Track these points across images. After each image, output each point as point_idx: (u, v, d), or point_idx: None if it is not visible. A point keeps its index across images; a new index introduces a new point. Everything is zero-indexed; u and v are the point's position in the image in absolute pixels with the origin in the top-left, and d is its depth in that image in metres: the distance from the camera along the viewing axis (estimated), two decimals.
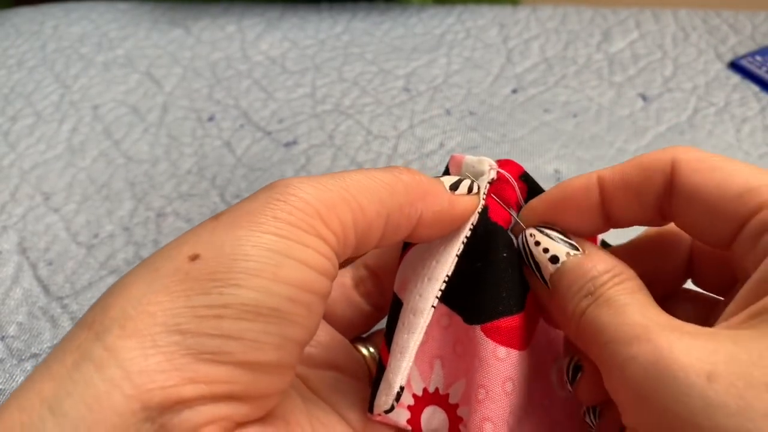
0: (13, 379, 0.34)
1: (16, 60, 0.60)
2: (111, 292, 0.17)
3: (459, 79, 0.55)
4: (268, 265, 0.17)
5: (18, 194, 0.46)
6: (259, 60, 0.58)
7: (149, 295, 0.16)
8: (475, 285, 0.21)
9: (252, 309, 0.16)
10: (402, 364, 0.21)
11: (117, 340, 0.16)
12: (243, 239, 0.17)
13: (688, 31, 0.59)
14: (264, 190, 0.18)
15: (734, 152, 0.46)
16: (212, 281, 0.16)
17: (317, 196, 0.18)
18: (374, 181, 0.19)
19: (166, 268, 0.17)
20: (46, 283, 0.39)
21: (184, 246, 0.17)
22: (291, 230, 0.17)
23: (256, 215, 0.17)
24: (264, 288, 0.17)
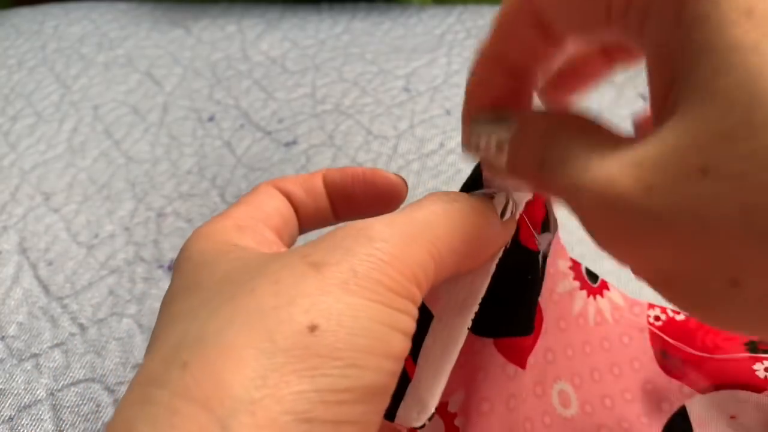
0: (13, 379, 0.34)
1: (16, 60, 0.60)
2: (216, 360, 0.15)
3: (459, 79, 0.55)
4: (382, 342, 0.16)
5: (18, 194, 0.46)
6: (259, 60, 0.58)
7: (271, 374, 0.14)
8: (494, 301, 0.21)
9: (369, 391, 0.16)
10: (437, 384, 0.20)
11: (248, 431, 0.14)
12: (359, 310, 0.16)
13: None
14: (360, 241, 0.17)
15: None
16: (334, 359, 0.15)
17: (413, 256, 0.17)
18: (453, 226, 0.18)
19: (283, 339, 0.15)
20: (46, 283, 0.39)
21: (294, 308, 0.15)
22: (394, 298, 0.16)
23: (364, 279, 0.16)
24: (378, 367, 0.16)
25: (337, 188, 0.23)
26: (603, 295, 0.28)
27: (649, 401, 0.26)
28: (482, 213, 0.19)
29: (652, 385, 0.27)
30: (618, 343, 0.27)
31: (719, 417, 0.25)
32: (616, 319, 0.28)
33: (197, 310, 0.16)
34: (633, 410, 0.26)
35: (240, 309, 0.16)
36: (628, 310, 0.29)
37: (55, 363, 0.35)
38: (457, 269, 0.19)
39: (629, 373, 0.27)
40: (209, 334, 0.15)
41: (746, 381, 0.25)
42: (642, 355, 0.27)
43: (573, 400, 0.25)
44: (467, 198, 0.20)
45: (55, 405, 0.33)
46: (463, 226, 0.19)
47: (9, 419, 0.32)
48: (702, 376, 0.26)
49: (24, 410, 0.33)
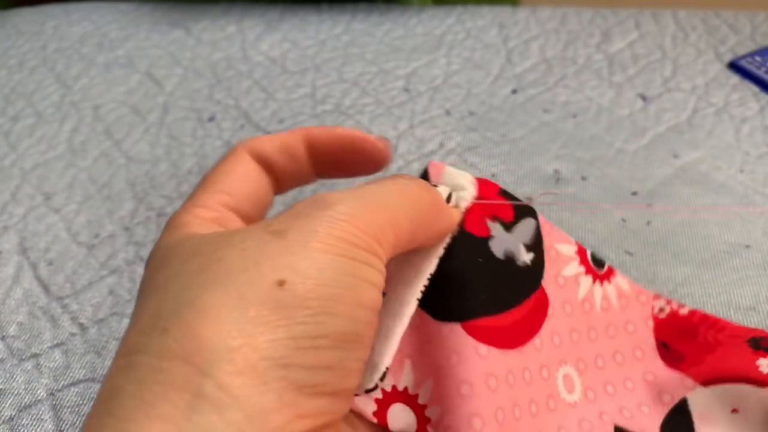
0: (14, 379, 0.34)
1: (17, 60, 0.60)
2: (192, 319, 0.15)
3: (459, 80, 0.55)
4: (350, 290, 0.17)
5: (19, 194, 0.46)
6: (259, 60, 0.59)
7: (246, 325, 0.15)
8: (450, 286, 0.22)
9: (343, 337, 0.16)
10: (386, 346, 0.21)
11: (229, 377, 0.14)
12: (323, 263, 0.16)
13: (687, 31, 0.59)
14: (318, 207, 0.18)
15: (733, 152, 0.46)
16: (305, 309, 0.16)
17: (370, 217, 0.18)
18: (408, 200, 0.20)
19: (254, 295, 0.16)
20: (46, 283, 0.39)
21: (262, 268, 0.16)
22: (358, 252, 0.17)
23: (324, 236, 0.17)
24: (350, 314, 0.17)
25: (319, 149, 0.23)
26: (610, 281, 0.28)
27: (650, 391, 0.26)
28: (432, 192, 0.21)
29: (653, 375, 0.27)
30: (623, 330, 0.27)
31: (721, 410, 0.25)
32: (623, 306, 0.28)
33: (168, 284, 0.17)
34: (634, 399, 0.26)
35: (210, 276, 0.16)
36: (635, 297, 0.29)
37: (56, 363, 0.35)
38: (413, 241, 0.20)
39: (632, 362, 0.27)
40: (184, 302, 0.16)
41: (749, 376, 0.25)
42: (644, 345, 0.28)
43: (577, 386, 0.25)
44: (414, 177, 0.21)
45: (55, 405, 0.33)
46: (414, 197, 0.20)
47: (9, 419, 0.32)
48: (704, 369, 0.26)
49: (24, 410, 0.33)
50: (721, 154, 0.45)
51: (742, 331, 0.29)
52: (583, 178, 0.44)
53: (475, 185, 0.24)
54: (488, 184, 0.24)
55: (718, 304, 0.35)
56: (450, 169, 0.24)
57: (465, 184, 0.24)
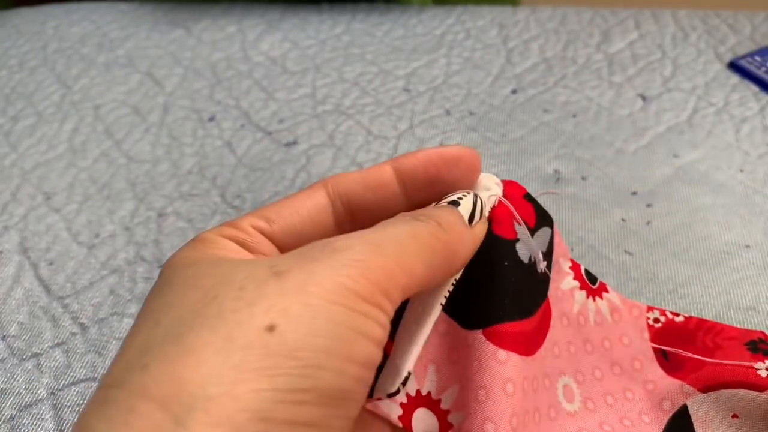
0: (14, 378, 0.34)
1: (17, 60, 0.60)
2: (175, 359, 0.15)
3: (459, 80, 0.55)
4: (343, 344, 0.16)
5: (19, 194, 0.46)
6: (259, 60, 0.59)
7: (229, 372, 0.14)
8: (477, 292, 0.22)
9: (329, 393, 0.16)
10: (410, 351, 0.21)
11: (203, 429, 0.14)
12: (319, 311, 0.16)
13: (687, 31, 0.59)
14: (325, 251, 0.17)
15: (733, 152, 0.46)
16: (293, 359, 0.15)
17: (379, 264, 0.17)
18: (423, 245, 0.19)
19: (242, 339, 0.15)
20: (47, 283, 0.39)
21: (254, 309, 0.15)
22: (358, 302, 0.16)
23: (325, 281, 0.16)
24: (339, 370, 0.16)
25: (414, 176, 0.22)
26: (602, 297, 0.28)
27: (650, 400, 0.26)
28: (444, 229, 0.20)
29: (653, 384, 0.27)
30: (618, 343, 0.28)
31: (721, 416, 0.25)
32: (616, 320, 0.28)
33: (162, 314, 0.16)
34: (635, 408, 0.26)
35: (201, 314, 0.16)
36: (628, 311, 0.29)
37: (56, 362, 0.35)
38: (430, 282, 0.20)
39: (630, 372, 0.27)
40: (170, 338, 0.15)
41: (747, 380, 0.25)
42: (642, 355, 0.28)
43: (576, 396, 0.25)
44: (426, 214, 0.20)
45: (56, 404, 0.33)
46: (428, 240, 0.19)
47: (10, 419, 0.32)
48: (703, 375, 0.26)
49: (25, 410, 0.33)
50: (721, 154, 0.46)
51: (740, 333, 0.29)
52: (583, 178, 0.44)
53: (500, 186, 0.23)
54: (515, 187, 0.24)
55: (718, 304, 0.35)
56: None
57: (491, 185, 0.23)
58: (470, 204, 0.22)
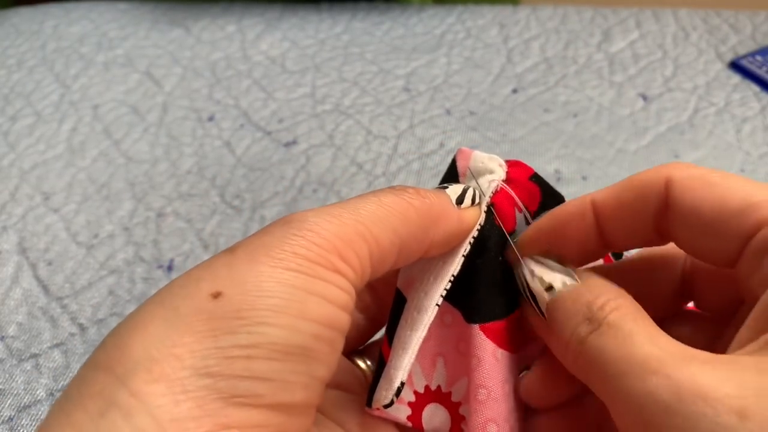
0: (13, 379, 0.34)
1: (16, 60, 0.60)
2: (124, 332, 0.16)
3: (459, 79, 0.55)
4: (293, 302, 0.16)
5: (18, 194, 0.46)
6: (259, 60, 0.58)
7: (173, 336, 0.15)
8: (476, 284, 0.22)
9: (281, 348, 0.16)
10: (403, 360, 0.20)
11: (144, 385, 0.14)
12: (265, 275, 0.16)
13: (688, 30, 0.59)
14: (279, 225, 0.18)
15: (734, 152, 0.45)
16: (238, 319, 0.16)
17: (333, 231, 0.17)
18: (387, 210, 0.19)
19: (187, 307, 0.16)
20: (45, 283, 0.39)
21: (201, 282, 0.16)
22: (311, 266, 0.17)
23: (274, 250, 0.17)
24: (291, 326, 0.16)
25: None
26: None
27: None
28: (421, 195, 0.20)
29: None
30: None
31: None
32: None
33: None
34: None
35: (157, 294, 0.17)
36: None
37: (55, 363, 0.35)
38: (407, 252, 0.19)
39: None
40: (127, 318, 0.16)
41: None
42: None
43: None
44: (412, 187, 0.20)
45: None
46: (397, 207, 0.19)
47: (9, 419, 0.32)
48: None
49: (24, 410, 0.33)
50: (722, 153, 0.45)
51: None
52: (583, 178, 0.44)
53: (504, 168, 0.23)
54: (520, 167, 0.23)
55: None
56: (478, 153, 0.23)
57: (494, 167, 0.23)
58: (459, 189, 0.21)
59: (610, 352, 0.16)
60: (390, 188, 0.20)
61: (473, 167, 0.23)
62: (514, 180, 0.23)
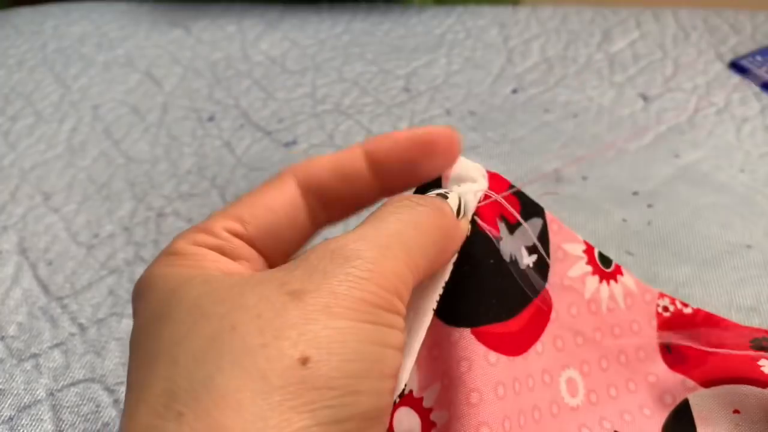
0: (13, 379, 0.34)
1: (16, 60, 0.60)
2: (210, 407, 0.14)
3: (459, 79, 0.55)
4: (376, 363, 0.16)
5: (18, 194, 0.46)
6: (259, 60, 0.58)
7: (270, 414, 0.14)
8: (462, 289, 0.22)
9: (369, 415, 0.15)
10: (406, 363, 0.20)
11: None
12: (347, 333, 0.15)
13: (688, 30, 0.59)
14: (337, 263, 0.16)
15: (735, 152, 0.45)
16: (331, 390, 0.15)
17: (392, 269, 0.17)
18: (424, 236, 0.18)
19: (277, 377, 0.14)
20: (46, 283, 0.39)
21: (282, 342, 0.15)
22: (380, 314, 0.16)
23: (347, 300, 0.16)
24: (376, 390, 0.16)
25: (387, 162, 0.21)
26: (617, 280, 0.28)
27: (652, 392, 0.26)
28: (444, 214, 0.20)
29: (655, 377, 0.27)
30: (628, 330, 0.27)
31: (722, 411, 0.25)
32: (628, 305, 0.28)
33: (177, 350, 0.15)
34: (636, 401, 0.26)
35: (225, 350, 0.15)
36: (641, 296, 0.29)
37: (55, 363, 0.35)
38: (431, 271, 0.19)
39: (635, 362, 0.27)
40: (199, 382, 0.14)
41: (750, 376, 0.25)
42: (647, 345, 0.27)
43: (580, 389, 0.25)
44: (428, 200, 0.20)
45: (54, 405, 0.33)
46: (430, 230, 0.19)
47: (9, 419, 0.32)
48: (706, 370, 0.26)
49: (24, 410, 0.33)
50: (722, 153, 0.45)
51: (746, 330, 0.29)
52: (583, 178, 0.44)
53: (486, 178, 0.23)
54: (499, 179, 0.24)
55: (720, 305, 0.35)
56: (463, 159, 0.23)
57: (477, 176, 0.23)
58: (456, 199, 0.21)
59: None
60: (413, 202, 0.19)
61: (457, 172, 0.23)
62: (494, 190, 0.23)
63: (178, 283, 0.17)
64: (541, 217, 0.25)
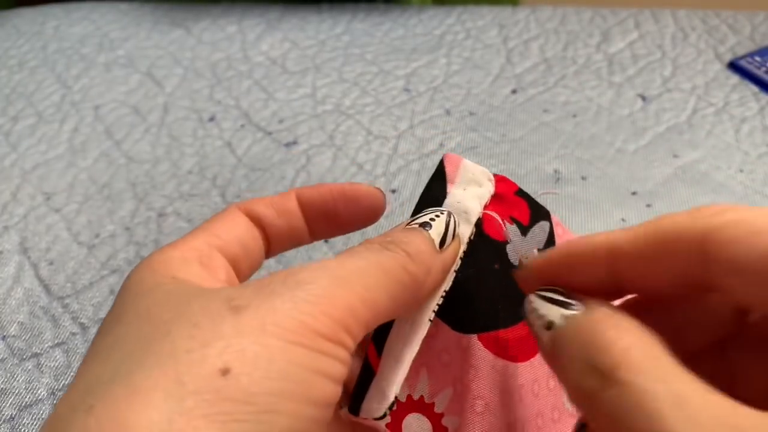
0: (15, 378, 0.34)
1: (17, 60, 0.60)
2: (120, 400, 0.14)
3: (459, 80, 0.55)
4: (300, 386, 0.15)
5: (19, 194, 0.46)
6: (259, 60, 0.59)
7: (178, 418, 0.14)
8: (469, 295, 0.21)
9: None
10: (397, 375, 0.20)
11: None
12: (275, 351, 0.15)
13: (687, 31, 0.59)
14: (288, 285, 0.16)
15: (733, 152, 0.46)
16: (247, 404, 0.14)
17: (344, 300, 0.16)
18: (388, 280, 0.18)
19: (194, 382, 0.14)
20: (47, 283, 0.39)
21: (208, 350, 0.15)
22: (319, 341, 0.16)
23: (286, 321, 0.15)
24: (296, 413, 0.15)
25: (313, 207, 0.22)
26: None
27: None
28: (418, 257, 0.19)
29: None
30: None
31: None
32: None
33: (112, 351, 0.16)
34: None
35: (153, 351, 0.15)
36: None
37: (57, 362, 0.35)
38: (396, 312, 0.19)
39: None
40: (119, 377, 0.14)
41: None
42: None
43: None
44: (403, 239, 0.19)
45: (56, 404, 0.33)
46: (396, 272, 0.18)
47: (10, 418, 0.33)
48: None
49: (25, 409, 0.33)
50: (720, 153, 0.46)
51: None
52: (583, 178, 0.44)
53: (493, 182, 0.23)
54: (506, 183, 0.23)
55: None
56: (467, 163, 0.23)
57: (482, 180, 0.22)
58: (443, 226, 0.21)
59: (627, 421, 0.14)
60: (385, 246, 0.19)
61: (462, 176, 0.23)
62: (501, 194, 0.23)
63: (148, 287, 0.18)
64: (548, 220, 0.25)
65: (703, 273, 0.16)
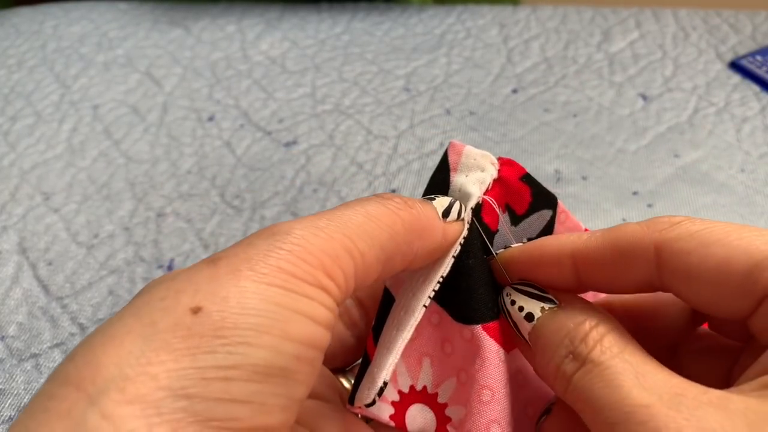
0: (13, 379, 0.34)
1: (16, 60, 0.60)
2: (97, 345, 0.15)
3: (459, 79, 0.55)
4: (277, 321, 0.15)
5: (18, 194, 0.46)
6: (259, 60, 0.58)
7: (148, 353, 0.14)
8: (471, 284, 0.21)
9: (262, 370, 0.15)
10: (388, 360, 0.20)
11: (116, 407, 0.14)
12: (248, 291, 0.15)
13: (688, 30, 0.59)
14: (263, 236, 0.17)
15: (734, 152, 0.46)
16: (218, 338, 0.15)
17: (320, 245, 0.17)
18: (374, 224, 0.18)
19: (165, 322, 0.15)
20: (46, 283, 0.39)
21: (181, 295, 0.15)
22: (295, 282, 0.16)
23: (258, 264, 0.16)
24: (273, 347, 0.15)
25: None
26: None
27: None
28: (410, 212, 0.19)
29: None
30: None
31: None
32: None
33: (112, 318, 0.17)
34: None
35: (130, 306, 0.16)
36: None
37: (55, 363, 0.35)
38: (390, 266, 0.19)
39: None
40: (98, 330, 0.15)
41: None
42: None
43: None
44: (400, 197, 0.20)
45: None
46: (386, 220, 0.18)
47: (9, 419, 0.32)
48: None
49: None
50: (721, 153, 0.45)
51: None
52: (583, 178, 0.44)
53: (496, 165, 0.22)
54: (513, 167, 0.23)
55: None
56: (470, 149, 0.22)
57: (485, 164, 0.22)
58: (446, 202, 0.21)
59: (597, 398, 0.16)
60: (377, 197, 0.19)
61: (464, 163, 0.22)
62: (504, 179, 0.22)
63: None
64: (552, 207, 0.24)
65: (659, 279, 0.18)
